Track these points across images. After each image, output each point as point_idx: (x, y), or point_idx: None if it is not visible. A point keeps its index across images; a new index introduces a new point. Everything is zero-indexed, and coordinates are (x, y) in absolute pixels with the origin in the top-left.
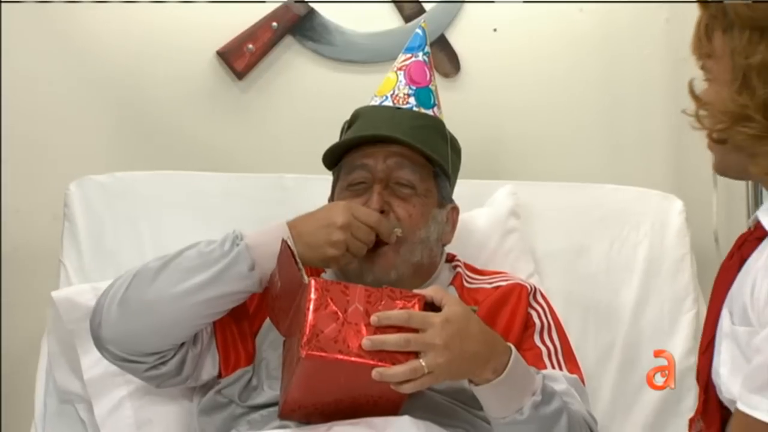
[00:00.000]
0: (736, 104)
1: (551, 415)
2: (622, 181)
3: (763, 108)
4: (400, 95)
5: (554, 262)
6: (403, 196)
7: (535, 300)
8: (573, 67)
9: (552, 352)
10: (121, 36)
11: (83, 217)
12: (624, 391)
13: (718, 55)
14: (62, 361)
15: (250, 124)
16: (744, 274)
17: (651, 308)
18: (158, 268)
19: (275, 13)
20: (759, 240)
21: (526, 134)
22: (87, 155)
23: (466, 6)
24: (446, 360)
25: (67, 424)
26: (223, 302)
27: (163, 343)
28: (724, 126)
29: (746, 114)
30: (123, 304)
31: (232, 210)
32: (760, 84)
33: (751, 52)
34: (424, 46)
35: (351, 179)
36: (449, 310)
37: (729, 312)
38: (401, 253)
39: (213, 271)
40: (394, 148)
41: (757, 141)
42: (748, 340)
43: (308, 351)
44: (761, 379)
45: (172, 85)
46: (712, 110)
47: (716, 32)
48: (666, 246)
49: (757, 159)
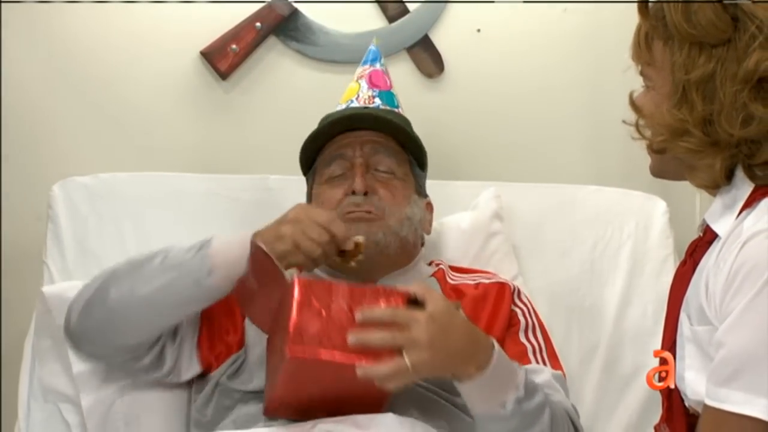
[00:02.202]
0: (675, 119)
1: (534, 409)
2: (606, 182)
3: (702, 123)
4: (365, 97)
5: (538, 263)
6: (383, 180)
7: (519, 299)
8: (556, 68)
9: (537, 349)
10: (104, 36)
11: (67, 218)
12: (607, 392)
13: (659, 66)
14: (50, 358)
15: (234, 125)
16: (697, 276)
17: (634, 309)
18: (125, 270)
19: (259, 13)
20: (709, 243)
21: (509, 135)
22: (70, 156)
23: (450, 6)
24: (430, 357)
25: (52, 426)
26: (182, 307)
27: (128, 342)
28: (663, 138)
29: (685, 129)
30: (88, 305)
31: (216, 211)
32: (698, 99)
33: (691, 67)
34: (379, 58)
35: (330, 172)
36: (433, 306)
37: (687, 316)
38: (390, 224)
39: (169, 277)
40: (369, 135)
41: (695, 155)
42: (709, 339)
43: (293, 350)
44: (727, 372)
45: (155, 86)
46: (652, 122)
47: (656, 42)
48: (649, 247)
49: (695, 172)
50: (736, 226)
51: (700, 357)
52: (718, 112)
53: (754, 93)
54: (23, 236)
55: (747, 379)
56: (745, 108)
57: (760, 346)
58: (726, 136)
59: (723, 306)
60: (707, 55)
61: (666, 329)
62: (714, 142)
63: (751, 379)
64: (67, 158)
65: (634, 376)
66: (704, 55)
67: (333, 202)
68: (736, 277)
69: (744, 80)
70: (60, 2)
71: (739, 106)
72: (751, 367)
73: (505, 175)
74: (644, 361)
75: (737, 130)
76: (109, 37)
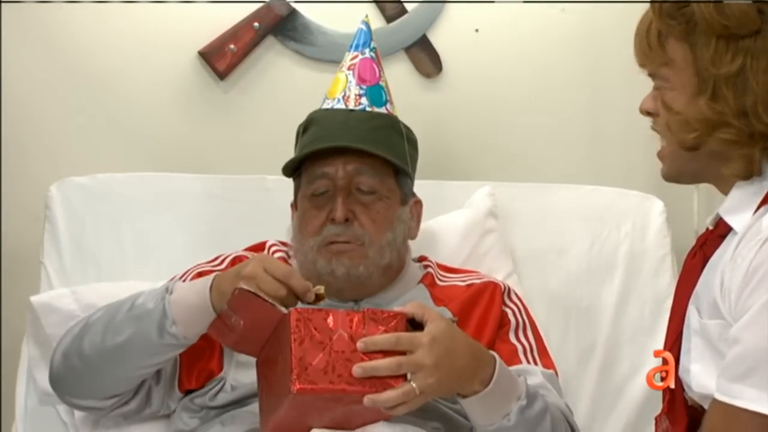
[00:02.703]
0: (713, 111)
1: (536, 416)
2: (603, 181)
3: (739, 114)
4: (351, 96)
5: (535, 263)
6: (365, 202)
7: (509, 298)
8: (554, 68)
9: (528, 349)
10: (101, 36)
11: (64, 219)
12: (605, 391)
13: (679, 65)
14: (42, 365)
15: (232, 125)
16: (710, 270)
17: (632, 308)
18: (98, 319)
19: (257, 13)
20: (721, 237)
21: (507, 135)
22: (68, 157)
23: (448, 6)
24: (437, 379)
25: (49, 425)
26: (153, 357)
27: (109, 392)
28: (698, 134)
29: (724, 120)
30: (65, 356)
31: (214, 212)
32: (730, 93)
33: (719, 62)
34: (369, 41)
35: (313, 189)
36: (434, 327)
37: (696, 309)
38: (370, 256)
39: (136, 327)
40: (352, 154)
41: (733, 146)
42: (720, 333)
43: (299, 385)
44: (741, 368)
45: (153, 86)
46: (683, 119)
47: (671, 39)
48: (647, 246)
49: (729, 163)
50: (754, 222)
51: (708, 350)
52: (753, 103)
53: None
54: (20, 237)
55: (761, 377)
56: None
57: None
58: (762, 127)
59: (739, 303)
60: (735, 48)
61: (672, 321)
62: (751, 133)
63: (765, 376)
64: (65, 158)
65: (632, 375)
66: (732, 48)
67: (314, 228)
68: (754, 275)
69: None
70: (57, 2)
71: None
72: (766, 365)
73: (503, 175)
74: (642, 361)
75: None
76: (107, 37)
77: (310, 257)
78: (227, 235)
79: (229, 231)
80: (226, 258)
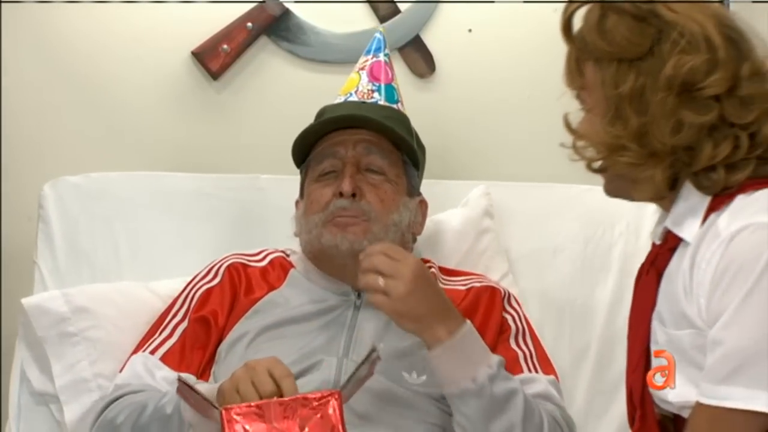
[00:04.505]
0: (610, 135)
1: (506, 394)
2: (598, 181)
3: (637, 136)
4: (364, 91)
5: (529, 263)
6: (373, 182)
7: (509, 304)
8: (547, 68)
9: (528, 356)
10: (95, 36)
11: (58, 219)
12: (599, 391)
13: (591, 87)
14: (34, 366)
15: (225, 125)
16: (668, 282)
17: (626, 308)
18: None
19: (250, 13)
20: (671, 251)
21: (500, 134)
22: (61, 156)
23: (441, 6)
24: (407, 291)
25: (42, 424)
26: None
27: None
28: (602, 156)
29: (621, 144)
30: None
31: (207, 211)
32: (632, 113)
33: (620, 83)
34: (383, 48)
35: (321, 168)
36: (416, 262)
37: (660, 323)
38: (374, 231)
39: None
40: (362, 134)
41: (635, 168)
42: (692, 341)
43: None
44: (727, 369)
45: (146, 86)
46: (589, 142)
47: (587, 63)
48: (641, 246)
49: (638, 186)
50: (708, 228)
51: (681, 362)
52: (650, 122)
53: (681, 99)
54: (14, 236)
55: (748, 375)
56: (674, 115)
57: (760, 341)
58: (660, 146)
59: (712, 305)
60: (635, 69)
61: (634, 340)
62: (651, 153)
63: (752, 374)
64: (58, 158)
65: None
66: (632, 69)
67: (321, 203)
68: (724, 276)
69: (667, 87)
70: (50, 2)
71: (668, 114)
72: (752, 363)
73: (497, 175)
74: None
75: (669, 139)
76: (100, 37)
77: (314, 233)
78: (221, 234)
79: (222, 230)
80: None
